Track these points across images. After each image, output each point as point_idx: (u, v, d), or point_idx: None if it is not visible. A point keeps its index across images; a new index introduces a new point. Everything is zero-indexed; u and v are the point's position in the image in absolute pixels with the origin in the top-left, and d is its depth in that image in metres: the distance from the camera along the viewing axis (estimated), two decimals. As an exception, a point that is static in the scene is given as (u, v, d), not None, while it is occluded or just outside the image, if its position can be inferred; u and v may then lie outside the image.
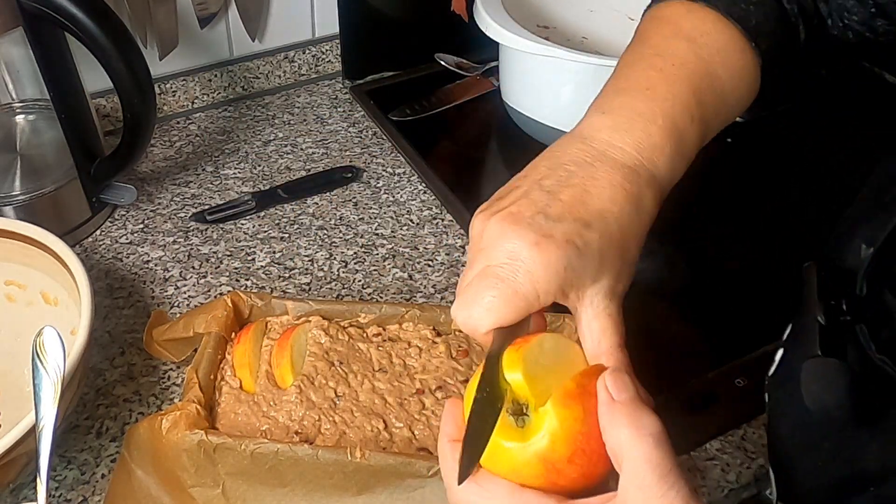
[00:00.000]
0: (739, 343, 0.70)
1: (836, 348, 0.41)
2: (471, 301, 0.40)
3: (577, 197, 0.42)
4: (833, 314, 0.43)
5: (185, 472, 0.54)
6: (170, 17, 0.88)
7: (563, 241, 0.40)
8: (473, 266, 0.41)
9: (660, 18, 0.51)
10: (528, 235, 0.40)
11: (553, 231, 0.40)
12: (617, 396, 0.36)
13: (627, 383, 0.37)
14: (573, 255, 0.40)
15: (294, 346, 0.60)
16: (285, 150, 0.92)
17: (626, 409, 0.36)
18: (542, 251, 0.39)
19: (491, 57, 1.00)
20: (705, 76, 0.47)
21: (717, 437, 0.64)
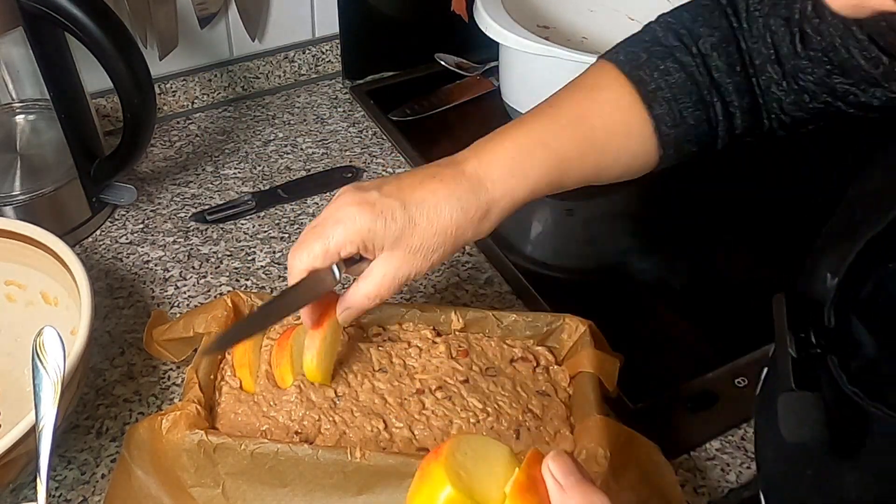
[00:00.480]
0: (739, 343, 0.70)
1: (808, 381, 0.42)
2: (296, 246, 0.52)
3: (412, 185, 0.52)
4: (803, 346, 0.43)
5: (185, 472, 0.54)
6: (170, 17, 0.88)
7: (378, 210, 0.50)
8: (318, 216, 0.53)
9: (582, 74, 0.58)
10: (356, 198, 0.51)
11: (375, 202, 0.50)
12: (564, 482, 0.37)
13: (570, 465, 0.38)
14: (379, 221, 0.50)
15: (294, 346, 0.60)
16: (285, 150, 0.92)
17: (576, 492, 0.37)
18: (359, 210, 0.50)
19: (491, 57, 1.00)
20: (575, 118, 0.54)
21: (717, 437, 0.64)
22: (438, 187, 0.51)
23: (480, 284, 0.76)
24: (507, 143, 0.53)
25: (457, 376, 0.59)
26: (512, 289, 0.76)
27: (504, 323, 0.63)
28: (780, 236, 0.84)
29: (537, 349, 0.63)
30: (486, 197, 0.52)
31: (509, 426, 0.57)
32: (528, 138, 0.53)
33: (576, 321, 0.62)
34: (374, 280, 0.52)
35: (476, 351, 0.61)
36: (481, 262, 0.79)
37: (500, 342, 0.62)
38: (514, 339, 0.63)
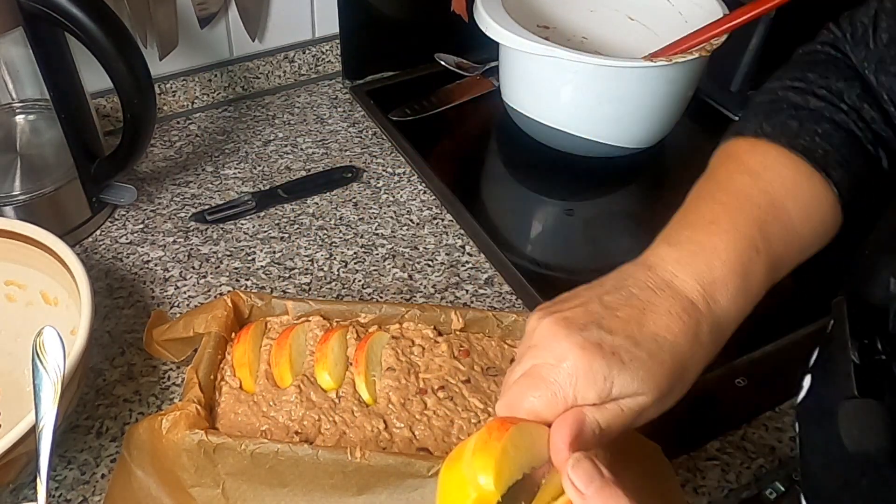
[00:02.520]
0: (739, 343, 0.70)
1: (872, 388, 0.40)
2: (514, 399, 0.42)
3: (633, 317, 0.42)
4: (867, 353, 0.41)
5: (185, 472, 0.54)
6: (170, 17, 0.88)
7: (610, 352, 0.40)
8: (522, 362, 0.43)
9: (727, 155, 0.51)
10: (577, 340, 0.41)
11: (602, 341, 0.41)
12: (585, 490, 0.35)
13: (591, 472, 0.36)
14: (616, 367, 0.40)
15: (293, 346, 0.60)
16: (285, 150, 0.92)
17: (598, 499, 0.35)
18: (587, 356, 0.40)
19: (491, 57, 1.00)
20: (769, 208, 0.47)
21: (717, 437, 0.64)
22: (671, 323, 0.43)
23: (480, 284, 0.76)
24: (724, 258, 0.45)
25: (458, 376, 0.59)
26: (512, 289, 0.76)
27: (504, 323, 0.63)
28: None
29: (537, 349, 0.62)
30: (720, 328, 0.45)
31: None
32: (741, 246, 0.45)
33: (576, 321, 0.62)
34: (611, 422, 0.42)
35: (477, 350, 0.61)
36: (481, 262, 0.79)
37: (500, 342, 0.62)
38: (515, 339, 0.63)
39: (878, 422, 0.40)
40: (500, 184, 0.93)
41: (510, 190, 0.92)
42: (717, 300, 0.44)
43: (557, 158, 0.91)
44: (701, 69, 0.85)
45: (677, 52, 0.81)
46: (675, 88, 0.84)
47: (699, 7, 0.89)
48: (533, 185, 0.91)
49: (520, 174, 0.92)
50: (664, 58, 0.79)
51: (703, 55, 0.80)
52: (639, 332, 0.42)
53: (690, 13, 0.90)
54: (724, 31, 0.80)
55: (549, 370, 0.41)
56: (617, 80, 0.81)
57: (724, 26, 0.80)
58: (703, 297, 0.44)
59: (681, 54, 0.80)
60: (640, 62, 0.79)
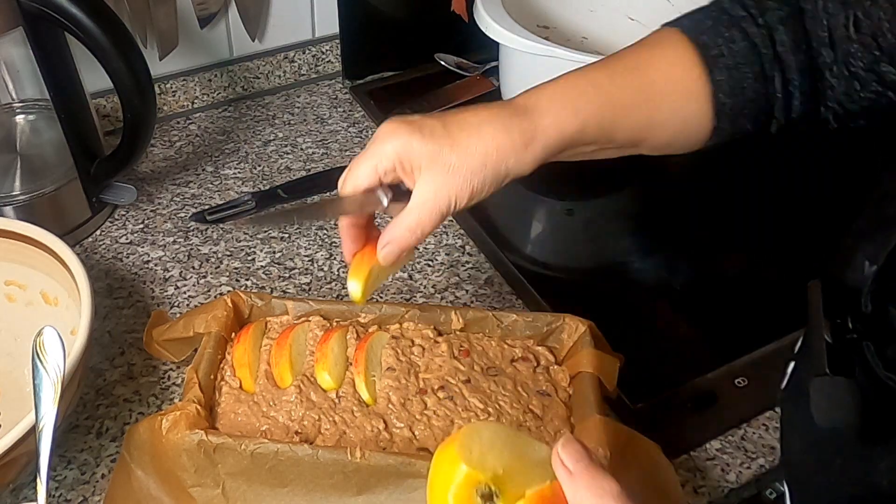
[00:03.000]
0: (739, 343, 0.70)
1: (844, 366, 0.42)
2: (345, 173, 0.52)
3: (456, 113, 0.51)
4: (839, 332, 0.43)
5: (185, 472, 0.54)
6: (170, 17, 0.88)
7: (417, 127, 0.50)
8: None
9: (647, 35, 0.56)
10: (397, 119, 0.51)
11: (415, 120, 0.50)
12: (573, 468, 0.37)
13: (580, 451, 0.37)
14: (416, 135, 0.49)
15: (293, 346, 0.60)
16: (285, 150, 0.92)
17: (585, 477, 0.36)
18: (397, 127, 0.50)
19: (491, 57, 1.00)
20: (633, 68, 0.52)
21: (717, 437, 0.64)
22: (480, 109, 0.51)
23: (480, 284, 0.76)
24: (560, 81, 0.52)
25: (458, 376, 0.59)
26: (512, 289, 0.76)
27: (504, 323, 0.63)
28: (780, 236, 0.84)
29: (537, 349, 0.63)
30: (531, 122, 0.50)
31: (510, 426, 0.57)
32: (581, 78, 0.52)
33: (576, 321, 0.62)
34: (414, 208, 0.50)
35: (477, 350, 0.61)
36: (481, 262, 0.79)
37: (500, 342, 0.62)
38: (515, 339, 0.63)
39: (847, 397, 0.41)
40: (500, 184, 0.92)
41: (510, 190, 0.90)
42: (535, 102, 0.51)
43: (557, 158, 0.90)
44: (701, 69, 0.85)
45: (677, 52, 0.81)
46: (675, 88, 0.84)
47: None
48: (533, 185, 0.91)
49: (520, 174, 0.92)
50: (664, 58, 0.79)
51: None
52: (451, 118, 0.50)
53: (690, 13, 0.89)
54: (724, 31, 0.80)
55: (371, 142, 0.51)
56: (617, 80, 0.81)
57: (724, 26, 0.80)
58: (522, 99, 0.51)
59: (681, 54, 0.80)
60: (640, 62, 0.79)
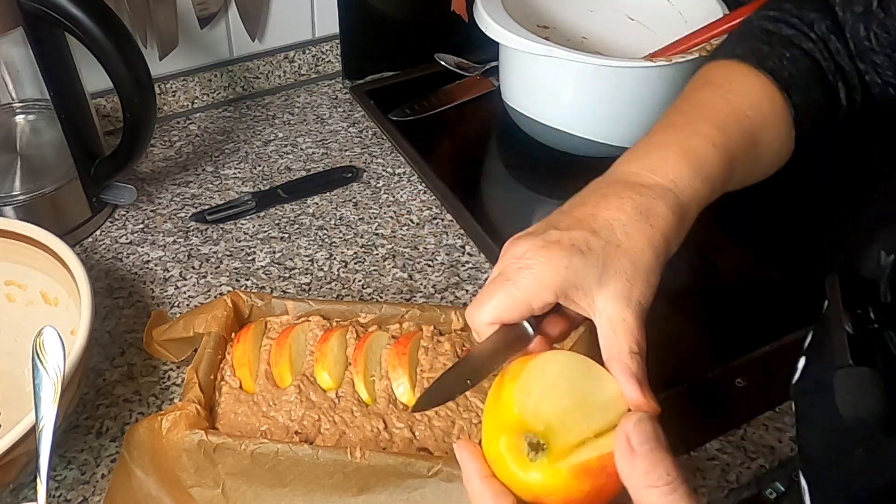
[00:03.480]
0: (739, 343, 0.70)
1: (866, 357, 0.42)
2: (478, 299, 0.44)
3: (587, 212, 0.45)
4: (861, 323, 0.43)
5: (185, 472, 0.54)
6: (170, 17, 0.88)
7: (568, 245, 0.43)
8: (491, 275, 0.45)
9: (698, 75, 0.54)
10: (537, 242, 0.43)
11: (560, 238, 0.43)
12: (639, 448, 0.36)
13: (650, 433, 0.36)
14: (576, 256, 0.42)
15: (293, 346, 0.60)
16: (285, 150, 0.92)
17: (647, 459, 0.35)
18: (546, 252, 0.43)
19: (491, 57, 1.00)
20: (729, 113, 0.49)
21: (717, 437, 0.64)
22: (622, 203, 0.45)
23: (480, 284, 0.76)
24: (675, 148, 0.47)
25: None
26: (512, 289, 0.76)
27: (504, 323, 0.63)
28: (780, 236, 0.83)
29: (537, 349, 0.62)
30: (676, 202, 0.46)
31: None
32: (696, 141, 0.48)
33: (576, 321, 0.62)
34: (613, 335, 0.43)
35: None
36: (481, 262, 0.79)
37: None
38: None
39: (872, 388, 0.41)
40: (500, 184, 0.93)
41: (510, 190, 0.92)
42: (670, 179, 0.46)
43: (557, 158, 0.90)
44: (701, 69, 0.85)
45: (677, 52, 0.81)
46: (675, 88, 0.84)
47: (699, 7, 0.88)
48: (533, 185, 0.91)
49: (520, 174, 0.92)
50: (664, 58, 0.79)
51: (703, 55, 0.80)
52: (594, 222, 0.44)
53: (690, 13, 0.90)
54: (724, 31, 0.80)
55: (512, 268, 0.43)
56: (617, 80, 0.81)
57: (724, 26, 0.80)
58: (653, 179, 0.46)
59: (681, 54, 0.80)
60: (640, 62, 0.79)
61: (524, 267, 0.43)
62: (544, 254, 0.42)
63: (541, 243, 0.43)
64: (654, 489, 0.35)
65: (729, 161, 0.48)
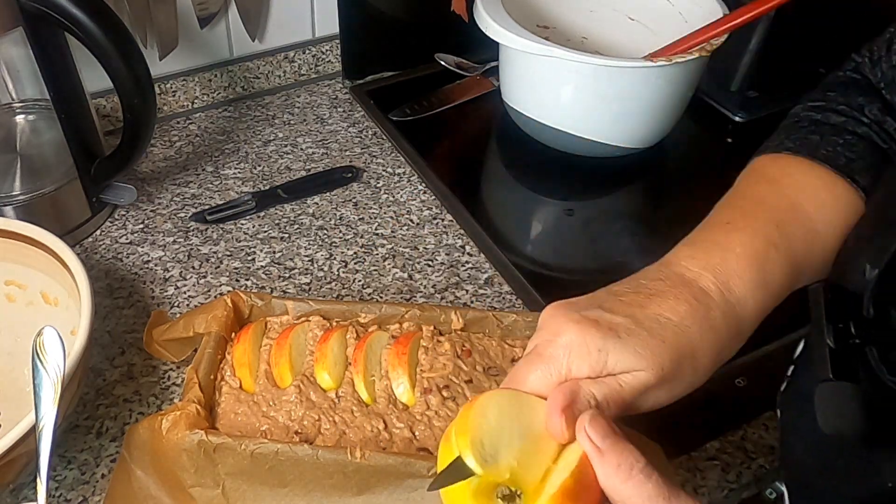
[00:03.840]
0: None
1: (847, 371, 0.41)
2: (514, 376, 0.42)
3: (637, 301, 0.43)
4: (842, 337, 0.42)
5: (185, 472, 0.54)
6: (170, 17, 0.88)
7: (607, 328, 0.41)
8: (528, 347, 0.44)
9: (750, 169, 0.53)
10: (575, 317, 0.42)
11: (601, 318, 0.42)
12: (601, 444, 0.36)
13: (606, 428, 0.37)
14: (611, 340, 0.41)
15: (293, 346, 0.60)
16: (285, 150, 0.92)
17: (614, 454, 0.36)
18: (583, 330, 0.41)
19: (491, 57, 1.00)
20: (788, 210, 0.48)
21: (717, 437, 0.64)
22: (677, 305, 0.43)
23: (480, 284, 0.76)
24: (739, 251, 0.46)
25: (461, 376, 0.59)
26: (512, 289, 0.76)
27: (504, 323, 0.63)
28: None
29: (537, 349, 0.62)
30: (736, 316, 0.45)
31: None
32: (757, 243, 0.46)
33: (576, 321, 0.62)
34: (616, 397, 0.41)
35: (479, 350, 0.61)
36: (481, 262, 0.79)
37: (500, 342, 0.62)
38: (515, 339, 0.63)
39: (852, 404, 0.41)
40: (500, 184, 0.93)
41: (510, 190, 0.92)
42: (730, 289, 0.45)
43: (557, 158, 0.91)
44: (701, 69, 0.85)
45: (677, 52, 0.81)
46: (675, 88, 0.84)
47: (699, 7, 0.88)
48: (533, 185, 0.91)
49: (520, 174, 0.92)
50: (664, 58, 0.79)
51: (703, 55, 0.80)
52: (640, 312, 0.42)
53: (690, 13, 0.90)
54: (724, 31, 0.80)
55: (547, 346, 0.42)
56: (617, 80, 0.81)
57: (724, 26, 0.80)
58: (714, 285, 0.44)
59: (681, 54, 0.80)
60: (640, 62, 0.79)
61: (558, 346, 0.41)
62: (580, 332, 0.41)
63: (578, 318, 0.41)
64: (629, 482, 0.35)
65: (791, 263, 0.47)
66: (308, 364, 0.60)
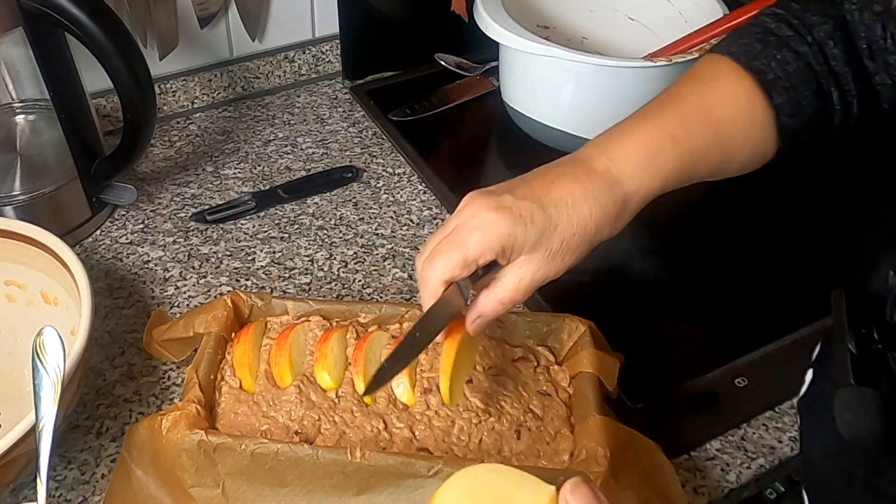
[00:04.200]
0: (739, 343, 0.70)
1: (868, 377, 0.41)
2: (433, 255, 0.49)
3: (543, 185, 0.50)
4: (864, 342, 0.43)
5: (185, 472, 0.54)
6: (170, 17, 0.88)
7: (517, 214, 0.48)
8: (446, 226, 0.50)
9: (692, 68, 0.57)
10: (490, 203, 0.49)
11: (511, 205, 0.48)
12: None
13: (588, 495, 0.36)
14: (519, 226, 0.48)
15: (293, 346, 0.60)
16: (285, 150, 0.92)
17: None
18: (496, 216, 0.48)
19: (491, 57, 1.00)
20: (700, 110, 0.52)
21: (717, 437, 0.64)
22: (573, 186, 0.49)
23: (480, 284, 0.76)
24: (636, 138, 0.51)
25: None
26: (512, 289, 0.76)
27: (504, 323, 0.63)
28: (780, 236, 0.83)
29: (538, 349, 0.63)
30: (621, 192, 0.50)
31: (510, 426, 0.57)
32: (656, 132, 0.51)
33: (576, 321, 0.62)
34: (509, 285, 0.50)
35: (479, 350, 0.61)
36: (481, 262, 0.78)
37: (500, 342, 0.62)
38: (515, 339, 0.63)
39: (872, 409, 0.41)
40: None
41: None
42: (622, 170, 0.50)
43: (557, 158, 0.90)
44: (701, 69, 0.85)
45: (677, 52, 0.81)
46: (675, 88, 0.84)
47: (699, 7, 0.88)
48: (533, 185, 0.91)
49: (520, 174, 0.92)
50: (664, 58, 0.79)
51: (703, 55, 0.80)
52: (545, 196, 0.49)
53: (690, 13, 0.90)
54: (724, 31, 0.80)
55: (465, 228, 0.48)
56: (617, 80, 0.81)
57: (724, 26, 0.80)
58: (607, 167, 0.50)
59: (681, 54, 0.80)
60: (640, 62, 0.79)
61: (474, 227, 0.48)
62: (494, 217, 0.48)
63: (493, 204, 0.48)
64: None
65: (686, 156, 0.51)
66: (308, 364, 0.60)
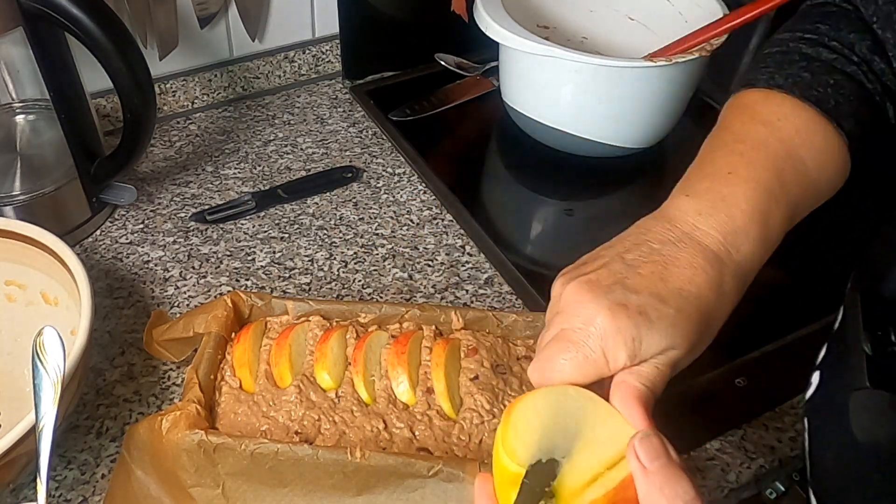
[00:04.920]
0: (739, 343, 0.70)
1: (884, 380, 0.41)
2: (545, 363, 0.42)
3: (656, 273, 0.43)
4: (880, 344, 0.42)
5: (185, 472, 0.54)
6: (170, 17, 0.88)
7: (636, 312, 0.41)
8: (550, 328, 0.44)
9: (739, 106, 0.52)
10: (604, 302, 0.41)
11: (628, 301, 0.41)
12: (649, 465, 0.35)
13: (658, 449, 0.36)
14: (644, 326, 0.41)
15: (293, 346, 0.60)
16: (285, 150, 0.92)
17: (660, 476, 0.35)
18: (615, 319, 0.41)
19: (491, 57, 1.00)
20: (787, 158, 0.48)
21: (717, 437, 0.64)
22: (695, 275, 0.43)
23: (480, 284, 0.76)
24: (744, 206, 0.46)
25: (467, 374, 0.59)
26: (512, 289, 0.76)
27: (504, 323, 0.63)
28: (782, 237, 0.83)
29: (537, 349, 0.62)
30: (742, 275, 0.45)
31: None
32: (759, 195, 0.46)
33: (576, 321, 0.62)
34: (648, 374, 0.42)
35: (485, 346, 0.61)
36: (481, 262, 0.79)
37: (504, 341, 0.62)
38: (515, 339, 0.63)
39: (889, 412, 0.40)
40: (500, 184, 0.93)
41: (510, 190, 0.92)
42: (738, 249, 0.45)
43: (557, 158, 0.91)
44: (701, 69, 0.85)
45: (677, 52, 0.81)
46: (675, 88, 0.84)
47: (699, 7, 0.88)
48: (533, 185, 0.91)
49: (520, 174, 0.92)
50: (664, 58, 0.79)
51: (703, 55, 0.80)
52: (664, 287, 0.42)
53: (690, 13, 0.90)
54: (724, 31, 0.80)
55: (578, 334, 0.41)
56: (617, 80, 0.81)
57: (724, 26, 0.80)
58: (724, 248, 0.44)
59: (681, 54, 0.80)
60: (640, 62, 0.79)
61: (591, 336, 0.41)
62: (612, 321, 0.41)
63: (607, 305, 0.41)
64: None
65: (789, 212, 0.47)
66: (308, 364, 0.60)
